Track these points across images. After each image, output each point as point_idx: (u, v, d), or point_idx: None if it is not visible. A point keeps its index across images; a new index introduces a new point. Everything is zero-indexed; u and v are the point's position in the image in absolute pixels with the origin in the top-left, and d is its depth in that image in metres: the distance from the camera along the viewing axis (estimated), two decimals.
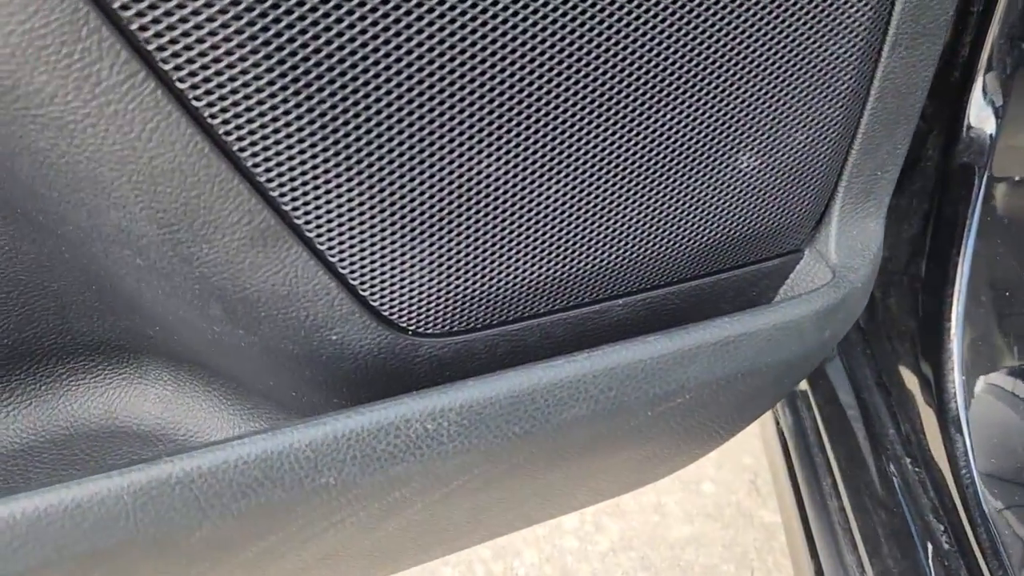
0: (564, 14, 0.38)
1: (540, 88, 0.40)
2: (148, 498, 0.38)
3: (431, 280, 0.45)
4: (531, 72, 0.39)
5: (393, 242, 0.42)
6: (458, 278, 0.45)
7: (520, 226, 0.45)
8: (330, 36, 0.34)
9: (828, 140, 0.51)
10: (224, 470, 0.39)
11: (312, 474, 0.41)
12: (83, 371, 0.55)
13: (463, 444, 0.44)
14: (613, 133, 0.44)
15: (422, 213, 0.42)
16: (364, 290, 0.44)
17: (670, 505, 1.38)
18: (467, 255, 0.45)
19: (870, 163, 0.54)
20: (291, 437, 0.40)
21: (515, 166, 0.42)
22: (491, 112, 0.40)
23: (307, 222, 0.40)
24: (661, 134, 0.45)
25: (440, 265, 0.44)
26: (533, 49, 0.39)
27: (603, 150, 0.44)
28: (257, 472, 0.40)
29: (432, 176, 0.41)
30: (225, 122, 0.35)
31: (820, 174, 0.53)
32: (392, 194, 0.40)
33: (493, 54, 0.38)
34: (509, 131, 0.41)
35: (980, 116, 0.74)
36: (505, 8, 0.37)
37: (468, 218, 0.43)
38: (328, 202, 0.39)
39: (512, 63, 0.39)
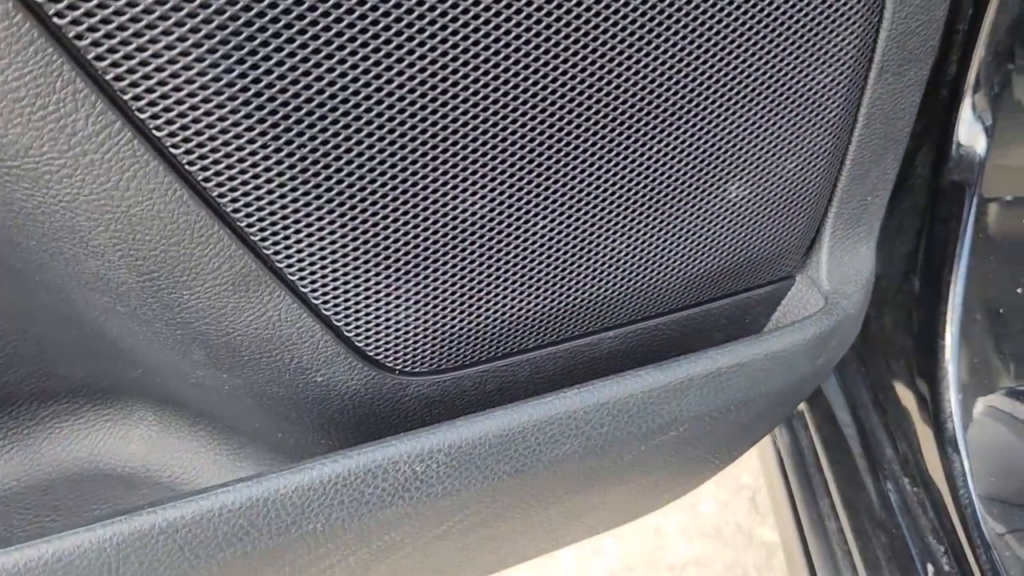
0: (547, 50, 0.38)
1: (525, 125, 0.40)
2: (132, 550, 0.37)
3: (417, 319, 0.44)
4: (515, 110, 0.39)
5: (377, 282, 0.42)
6: (444, 316, 0.45)
7: (507, 263, 0.44)
8: (309, 80, 0.34)
9: (817, 168, 0.50)
10: (209, 519, 0.38)
11: (299, 520, 0.40)
12: (66, 413, 0.54)
13: (454, 485, 0.43)
14: (601, 168, 0.43)
15: (406, 253, 0.41)
16: (349, 331, 0.43)
17: (669, 526, 1.37)
18: (453, 293, 0.44)
19: (860, 189, 0.54)
20: (277, 483, 0.39)
21: (500, 203, 0.42)
22: (475, 151, 0.39)
23: (289, 265, 0.39)
24: (649, 167, 0.44)
25: (426, 304, 0.44)
26: (516, 87, 0.38)
27: (591, 185, 0.44)
28: (243, 520, 0.39)
29: (415, 216, 0.40)
30: (204, 168, 0.35)
31: (810, 201, 0.52)
32: (375, 235, 0.40)
33: (476, 93, 0.38)
34: (493, 168, 0.41)
35: (969, 134, 0.74)
36: (487, 47, 0.37)
37: (454, 256, 0.43)
38: (310, 245, 0.39)
39: (496, 101, 0.38)
